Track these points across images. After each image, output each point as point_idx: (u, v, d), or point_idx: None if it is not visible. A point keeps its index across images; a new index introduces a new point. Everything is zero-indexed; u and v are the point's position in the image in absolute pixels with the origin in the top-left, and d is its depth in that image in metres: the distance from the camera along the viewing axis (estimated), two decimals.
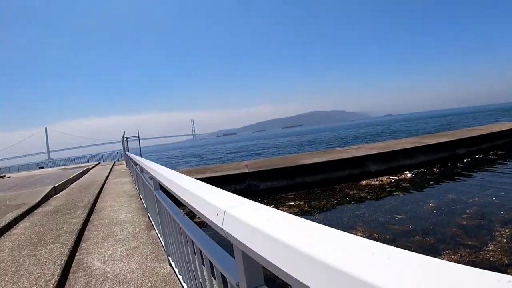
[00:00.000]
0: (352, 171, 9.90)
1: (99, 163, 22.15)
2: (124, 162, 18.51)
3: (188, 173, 10.33)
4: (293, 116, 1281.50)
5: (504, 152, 11.59)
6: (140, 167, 3.73)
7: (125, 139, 17.04)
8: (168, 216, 1.90)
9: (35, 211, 5.00)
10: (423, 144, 10.68)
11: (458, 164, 10.52)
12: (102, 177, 9.98)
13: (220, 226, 0.70)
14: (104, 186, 8.06)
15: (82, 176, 11.12)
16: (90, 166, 16.17)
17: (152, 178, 2.39)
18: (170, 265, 2.41)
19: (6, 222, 3.93)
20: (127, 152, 12.05)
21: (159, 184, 2.06)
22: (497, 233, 4.94)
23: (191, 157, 44.74)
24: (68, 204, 5.41)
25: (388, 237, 5.35)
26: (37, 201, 5.45)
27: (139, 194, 5.54)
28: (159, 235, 3.06)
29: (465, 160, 10.87)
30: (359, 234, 5.56)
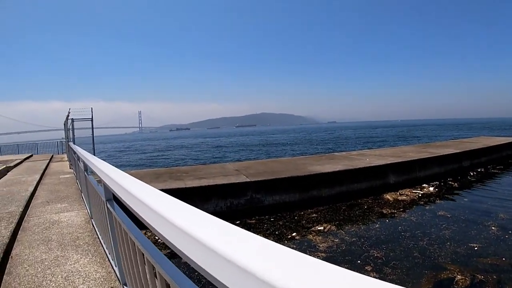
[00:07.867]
0: (372, 183, 8.81)
1: (31, 155, 15.29)
2: (66, 157, 12.62)
3: (158, 177, 7.93)
4: (243, 116, 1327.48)
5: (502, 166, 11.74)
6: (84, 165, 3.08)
7: (69, 121, 9.44)
8: (128, 245, 1.32)
9: None
10: (436, 155, 10.12)
11: (468, 177, 10.19)
12: (20, 200, 4.70)
13: None
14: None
15: None
16: (11, 164, 9.58)
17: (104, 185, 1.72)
18: None
19: None
20: (71, 144, 7.44)
21: (113, 194, 1.55)
22: None
23: (143, 153, 40.01)
24: None
25: (494, 277, 4.11)
26: None
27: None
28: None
29: (471, 173, 10.63)
30: (460, 278, 4.20)
